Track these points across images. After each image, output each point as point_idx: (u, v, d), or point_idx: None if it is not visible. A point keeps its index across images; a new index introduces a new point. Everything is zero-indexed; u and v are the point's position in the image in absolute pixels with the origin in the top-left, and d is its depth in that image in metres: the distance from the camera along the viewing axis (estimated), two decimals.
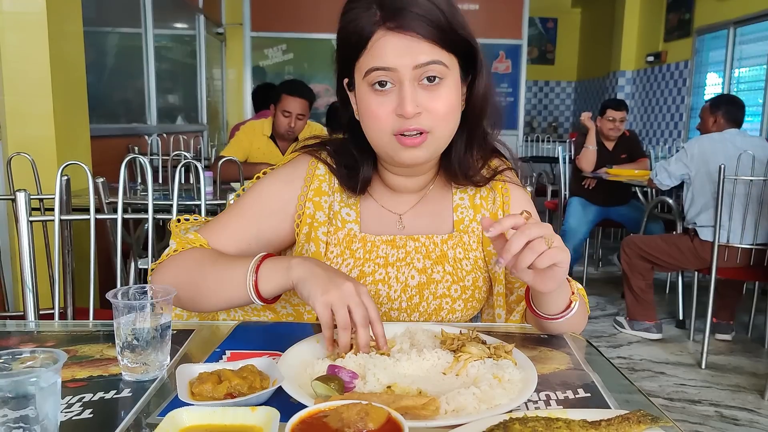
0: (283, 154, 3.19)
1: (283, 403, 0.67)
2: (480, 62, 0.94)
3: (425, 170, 1.01)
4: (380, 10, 0.87)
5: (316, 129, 3.31)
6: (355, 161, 1.01)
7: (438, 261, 1.02)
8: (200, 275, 0.93)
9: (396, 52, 0.86)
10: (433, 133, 0.90)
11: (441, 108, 0.89)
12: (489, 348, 0.79)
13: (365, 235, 1.02)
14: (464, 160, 1.01)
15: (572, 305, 0.90)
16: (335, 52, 0.95)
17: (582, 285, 1.07)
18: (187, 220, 1.07)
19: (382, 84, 0.88)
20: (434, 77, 0.88)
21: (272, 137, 3.27)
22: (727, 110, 3.24)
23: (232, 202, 1.10)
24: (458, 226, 1.05)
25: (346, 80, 0.96)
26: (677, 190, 3.59)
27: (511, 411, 0.65)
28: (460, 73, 0.93)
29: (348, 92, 0.97)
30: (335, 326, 0.80)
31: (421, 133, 0.89)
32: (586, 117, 4.27)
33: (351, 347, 0.79)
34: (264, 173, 1.08)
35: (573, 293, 0.90)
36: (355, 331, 0.79)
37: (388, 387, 0.71)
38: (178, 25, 5.62)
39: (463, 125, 0.97)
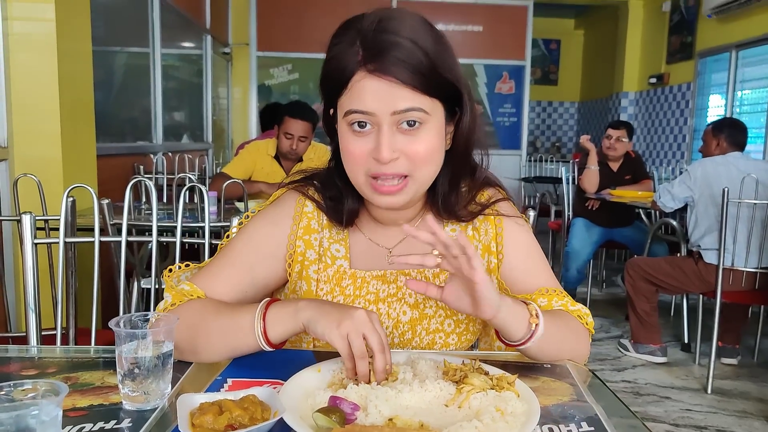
0: (287, 174, 3.23)
1: None
2: (465, 102, 0.93)
3: (409, 206, 0.99)
4: (362, 48, 0.85)
5: (320, 150, 3.32)
6: (340, 193, 1.00)
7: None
8: (203, 326, 0.90)
9: (374, 96, 0.85)
10: (412, 177, 0.90)
11: (420, 153, 0.88)
12: (492, 379, 0.79)
13: (355, 271, 1.01)
14: (448, 198, 0.99)
15: (535, 330, 0.88)
16: (319, 82, 0.94)
17: (585, 305, 1.06)
18: (179, 268, 1.04)
19: (361, 125, 0.88)
20: (414, 122, 0.87)
21: (276, 157, 3.29)
22: (730, 133, 3.24)
23: (223, 242, 1.07)
24: None
25: (331, 110, 0.95)
26: (681, 212, 3.59)
27: None
28: (445, 113, 0.92)
29: (334, 123, 0.96)
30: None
31: (400, 178, 0.89)
32: (585, 139, 4.30)
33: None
34: (251, 213, 1.07)
35: (533, 315, 0.88)
36: (372, 358, 0.79)
37: (390, 419, 0.70)
38: (186, 45, 5.69)
39: (447, 163, 0.96)
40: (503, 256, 1.04)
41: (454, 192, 1.00)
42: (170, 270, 1.04)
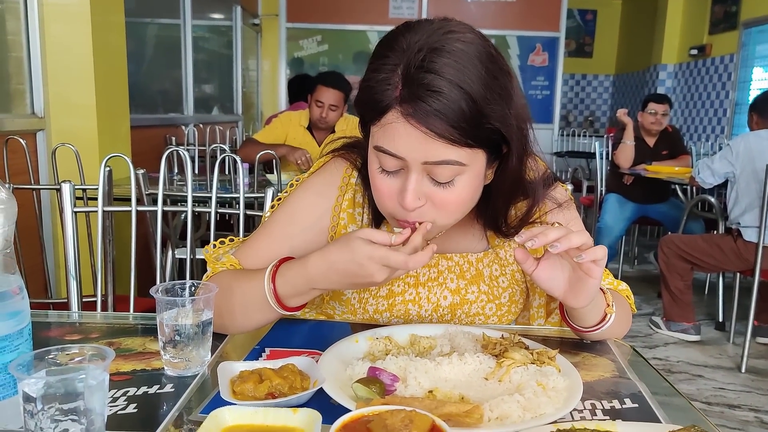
0: (319, 145, 3.22)
1: (323, 404, 0.67)
2: (512, 150, 0.83)
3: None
4: (402, 83, 0.76)
5: (352, 122, 3.30)
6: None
7: (473, 281, 0.98)
8: (227, 298, 0.88)
9: (406, 143, 0.77)
10: (436, 223, 0.83)
11: (448, 204, 0.82)
12: (532, 354, 0.77)
13: None
14: (493, 222, 0.95)
15: (607, 317, 0.87)
16: (355, 100, 0.87)
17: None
18: (222, 243, 1.03)
19: (389, 168, 0.82)
20: (448, 181, 0.80)
21: (309, 129, 3.29)
22: (762, 108, 3.15)
23: (267, 209, 1.06)
24: (493, 241, 1.01)
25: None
26: (720, 189, 3.49)
27: (556, 421, 0.63)
28: (488, 156, 0.83)
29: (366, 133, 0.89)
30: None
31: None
32: (622, 113, 4.16)
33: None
34: (297, 179, 1.04)
35: (608, 305, 0.87)
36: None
37: (430, 391, 0.70)
38: (216, 16, 5.68)
39: (487, 195, 0.89)
40: None
41: (500, 214, 0.94)
42: (213, 245, 1.03)
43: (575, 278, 0.80)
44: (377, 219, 0.98)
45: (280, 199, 1.05)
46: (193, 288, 0.83)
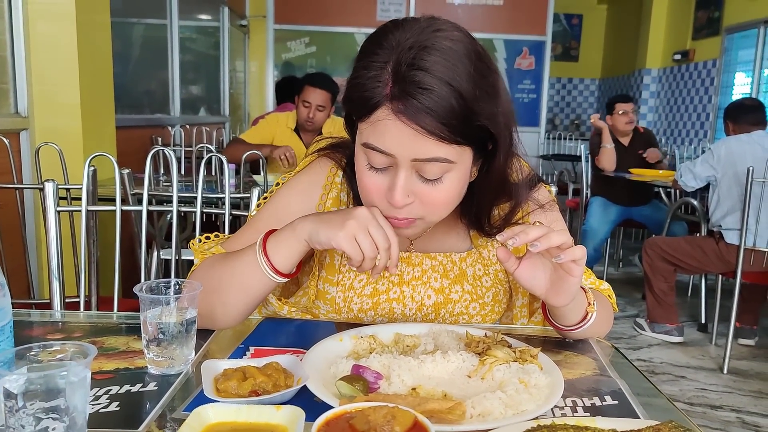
0: (306, 147, 3.21)
1: (307, 402, 0.67)
2: (500, 144, 0.84)
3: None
4: (392, 81, 0.76)
5: (339, 124, 3.30)
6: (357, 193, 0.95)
7: (456, 280, 0.99)
8: (215, 278, 0.89)
9: (396, 139, 0.77)
10: (422, 220, 0.85)
11: (436, 200, 0.82)
12: (515, 352, 0.78)
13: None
14: (477, 221, 0.96)
15: (589, 316, 0.88)
16: (344, 92, 0.86)
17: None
18: (207, 239, 1.04)
19: (377, 165, 0.82)
20: (436, 178, 0.81)
21: (296, 130, 3.28)
22: (734, 116, 3.24)
23: (254, 208, 1.07)
24: (476, 241, 1.02)
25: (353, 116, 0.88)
26: (702, 192, 3.53)
27: (537, 417, 0.64)
28: (475, 154, 0.83)
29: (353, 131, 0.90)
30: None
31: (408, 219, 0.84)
32: (595, 118, 4.21)
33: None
34: (282, 180, 1.05)
35: (590, 304, 0.88)
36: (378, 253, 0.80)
37: (413, 389, 0.70)
38: (203, 17, 5.65)
39: (471, 192, 0.89)
40: None
41: (483, 213, 0.95)
42: (200, 240, 1.03)
43: (556, 277, 0.81)
44: None
45: (266, 198, 1.05)
46: (177, 286, 0.83)
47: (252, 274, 0.86)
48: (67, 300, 1.47)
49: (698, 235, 3.47)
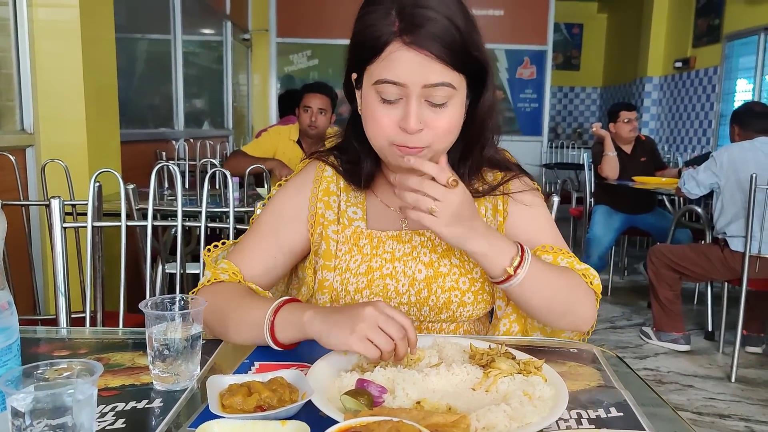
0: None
1: (312, 416, 0.67)
2: (489, 79, 0.96)
3: None
4: (399, 19, 0.87)
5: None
6: (357, 156, 1.04)
7: (444, 255, 1.04)
8: (227, 313, 0.94)
9: (408, 68, 0.88)
10: (431, 147, 0.93)
11: (442, 127, 0.92)
12: (519, 363, 0.78)
13: (371, 231, 1.05)
14: (456, 170, 1.00)
15: (511, 279, 0.92)
16: (348, 48, 0.97)
17: (607, 294, 1.06)
18: (216, 246, 1.11)
19: (390, 96, 0.90)
20: (442, 102, 0.90)
21: (299, 142, 3.30)
22: (742, 121, 3.22)
23: (256, 213, 1.13)
24: None
25: (354, 75, 0.97)
26: (706, 199, 3.53)
27: (542, 430, 0.64)
28: (467, 90, 0.95)
29: (354, 88, 0.99)
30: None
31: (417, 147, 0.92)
32: (597, 127, 4.21)
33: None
34: (279, 185, 1.12)
35: (519, 255, 0.92)
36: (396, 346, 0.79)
37: (418, 402, 0.71)
38: (206, 32, 5.71)
39: (459, 136, 0.98)
40: (507, 215, 1.06)
41: (463, 164, 1.03)
42: (209, 249, 1.10)
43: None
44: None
45: (264, 204, 1.12)
46: (183, 302, 0.83)
47: (254, 332, 0.90)
48: (73, 315, 1.47)
49: (703, 242, 3.46)
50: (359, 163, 1.04)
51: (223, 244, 1.12)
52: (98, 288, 1.59)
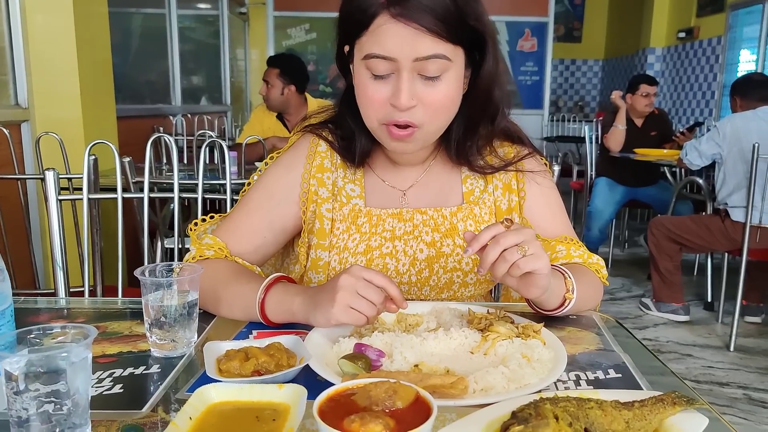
0: (290, 131, 3.22)
1: (310, 380, 0.67)
2: (488, 48, 0.90)
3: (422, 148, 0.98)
4: None
5: (323, 104, 3.31)
6: (352, 132, 0.99)
7: (447, 234, 1.01)
8: (220, 290, 0.92)
9: (397, 41, 0.83)
10: (422, 128, 0.88)
11: (437, 101, 0.87)
12: (517, 327, 0.78)
13: (370, 209, 1.01)
14: (462, 144, 0.98)
15: (567, 303, 0.87)
16: (337, 20, 0.92)
17: (607, 266, 1.05)
18: (203, 221, 1.07)
19: (380, 70, 0.85)
20: (435, 75, 0.85)
21: (279, 117, 3.31)
22: (742, 91, 3.21)
23: (245, 188, 1.09)
24: (468, 197, 1.03)
25: (346, 48, 0.93)
26: (708, 170, 3.50)
27: (540, 391, 0.64)
28: (466, 60, 0.89)
29: (348, 61, 0.94)
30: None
31: (409, 126, 0.87)
32: (617, 96, 4.13)
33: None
34: (271, 158, 1.08)
35: (568, 290, 0.87)
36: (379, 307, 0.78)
37: (416, 366, 0.70)
38: (202, 6, 5.62)
39: (463, 108, 0.93)
40: (526, 195, 1.03)
41: (470, 138, 0.98)
42: (195, 224, 1.06)
43: (526, 277, 0.79)
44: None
45: (255, 178, 1.08)
46: (179, 269, 0.83)
47: (247, 312, 0.88)
48: (71, 290, 1.47)
49: (704, 213, 3.45)
50: (353, 139, 0.99)
51: (211, 218, 1.08)
52: (97, 262, 1.59)
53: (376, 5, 0.83)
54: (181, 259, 1.57)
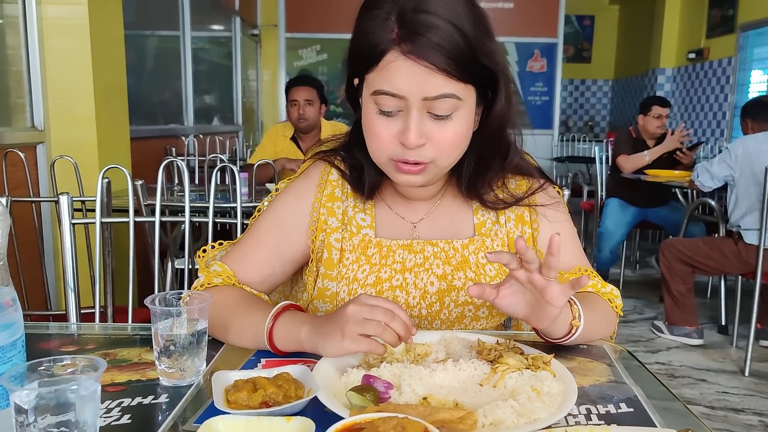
0: (304, 154, 3.23)
1: (317, 412, 0.67)
2: (500, 86, 0.89)
3: (431, 183, 0.97)
4: (398, 26, 0.81)
5: (339, 128, 3.32)
6: (361, 164, 0.98)
7: (459, 267, 0.99)
8: (226, 319, 0.91)
9: (407, 80, 0.81)
10: (433, 163, 0.88)
11: (447, 140, 0.86)
12: (527, 359, 0.77)
13: (381, 240, 1.00)
14: (473, 180, 0.97)
15: (573, 331, 0.86)
16: (347, 53, 0.91)
17: (618, 287, 1.03)
18: (212, 248, 1.06)
19: (389, 108, 0.85)
20: (446, 114, 0.84)
21: (294, 138, 3.32)
22: (754, 113, 3.20)
23: (255, 214, 1.08)
24: (479, 229, 1.02)
25: (356, 81, 0.92)
26: (720, 191, 3.48)
27: (550, 426, 0.63)
28: (477, 97, 0.88)
29: (358, 94, 0.92)
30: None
31: (418, 164, 0.86)
32: (680, 129, 4.01)
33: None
34: (280, 186, 1.07)
35: (575, 318, 0.86)
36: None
37: (424, 398, 0.70)
38: (215, 27, 5.71)
39: (474, 143, 0.92)
40: (537, 226, 1.02)
41: (481, 174, 0.97)
42: (204, 250, 1.05)
43: (537, 304, 0.78)
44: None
45: (266, 205, 1.07)
46: (188, 298, 0.83)
47: (255, 340, 0.87)
48: (82, 311, 1.48)
49: (716, 235, 3.42)
50: (362, 172, 0.98)
51: (220, 244, 1.07)
52: (108, 284, 1.60)
53: (387, 42, 0.82)
54: (191, 280, 1.57)
